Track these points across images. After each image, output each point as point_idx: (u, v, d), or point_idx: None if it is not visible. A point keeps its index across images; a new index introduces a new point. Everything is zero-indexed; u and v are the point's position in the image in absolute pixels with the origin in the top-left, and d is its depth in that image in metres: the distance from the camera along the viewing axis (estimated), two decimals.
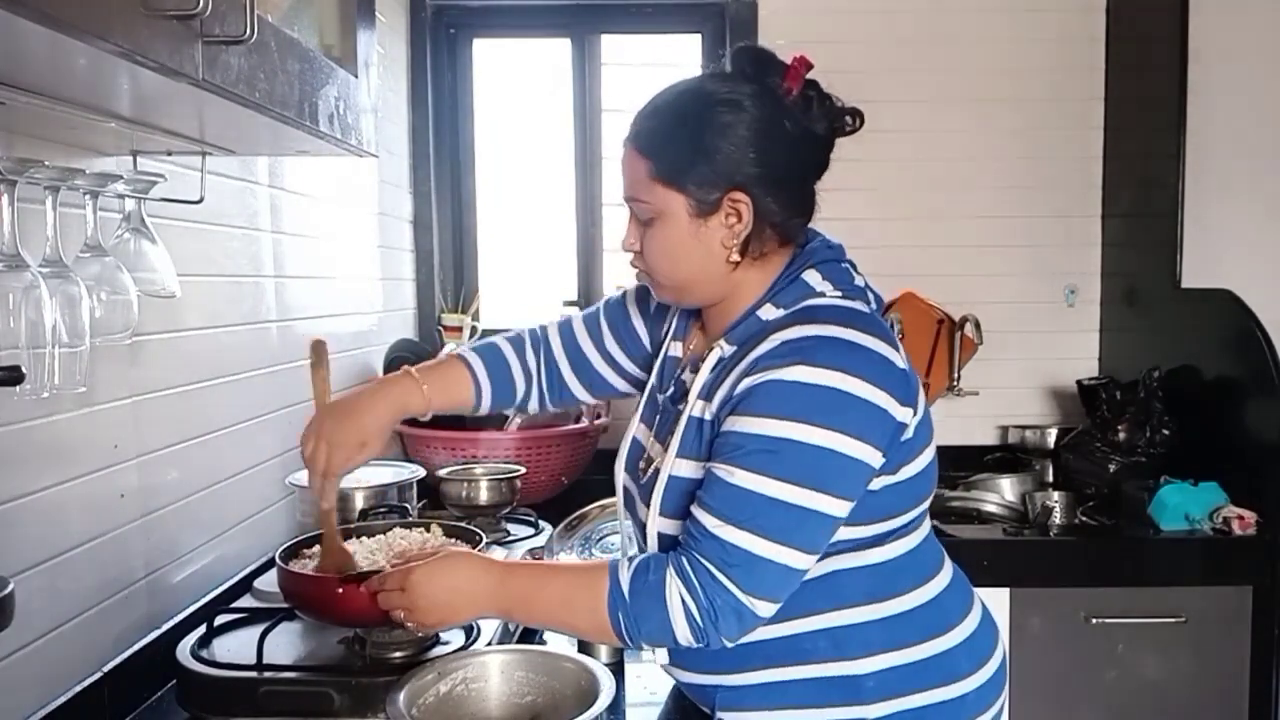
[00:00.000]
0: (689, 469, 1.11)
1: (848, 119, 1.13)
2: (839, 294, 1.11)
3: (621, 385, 1.38)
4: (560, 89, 2.87)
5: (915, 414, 1.08)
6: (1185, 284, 2.39)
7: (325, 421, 1.23)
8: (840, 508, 1.03)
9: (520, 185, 2.94)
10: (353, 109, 1.29)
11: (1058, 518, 2.39)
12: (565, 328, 1.39)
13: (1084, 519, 2.34)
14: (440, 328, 2.77)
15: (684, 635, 1.03)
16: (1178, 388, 2.36)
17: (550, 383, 1.38)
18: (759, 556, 1.01)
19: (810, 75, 1.11)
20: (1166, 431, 2.34)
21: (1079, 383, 2.57)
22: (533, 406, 1.40)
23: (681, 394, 1.17)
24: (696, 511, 1.05)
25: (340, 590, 1.18)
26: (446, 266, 2.86)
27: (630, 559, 1.08)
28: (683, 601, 1.02)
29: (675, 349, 1.26)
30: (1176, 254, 2.38)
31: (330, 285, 2.05)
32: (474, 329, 2.80)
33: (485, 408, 1.37)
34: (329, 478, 1.21)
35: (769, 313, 1.11)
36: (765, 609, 1.03)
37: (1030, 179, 2.74)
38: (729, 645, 1.05)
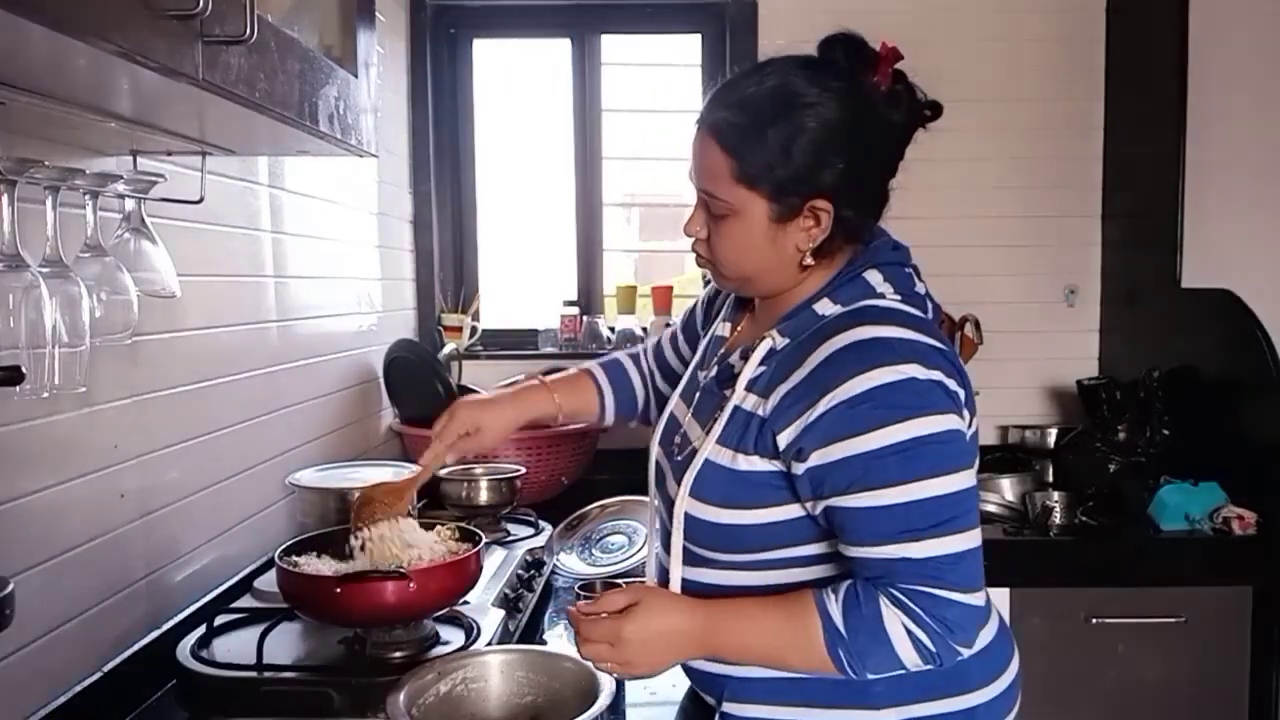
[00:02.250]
0: (726, 457, 1.10)
1: (927, 112, 1.13)
2: (898, 298, 1.10)
3: None
4: (560, 89, 2.87)
5: (969, 424, 1.08)
6: (1185, 284, 2.39)
7: (460, 404, 1.37)
8: (974, 477, 1.04)
9: (520, 185, 2.94)
10: (353, 109, 1.29)
11: (1058, 518, 2.38)
12: (656, 344, 1.47)
13: (1084, 519, 2.33)
14: (440, 328, 2.77)
15: (913, 661, 1.02)
16: (1178, 388, 2.36)
17: (655, 391, 1.45)
18: (956, 553, 1.00)
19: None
20: (1166, 431, 2.34)
21: (1079, 383, 2.57)
22: (653, 414, 1.45)
23: (728, 378, 1.16)
24: (867, 550, 1.02)
25: (339, 590, 1.18)
26: (446, 266, 2.86)
27: (833, 590, 1.04)
28: (908, 631, 1.00)
29: (723, 329, 1.26)
30: (1176, 254, 2.38)
31: (330, 285, 2.05)
32: (474, 329, 2.80)
33: (610, 418, 1.47)
34: (438, 440, 1.34)
35: (825, 307, 1.10)
36: (982, 597, 1.03)
37: (1030, 179, 2.74)
38: (966, 654, 1.04)
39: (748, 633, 1.07)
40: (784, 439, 1.05)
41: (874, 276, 1.11)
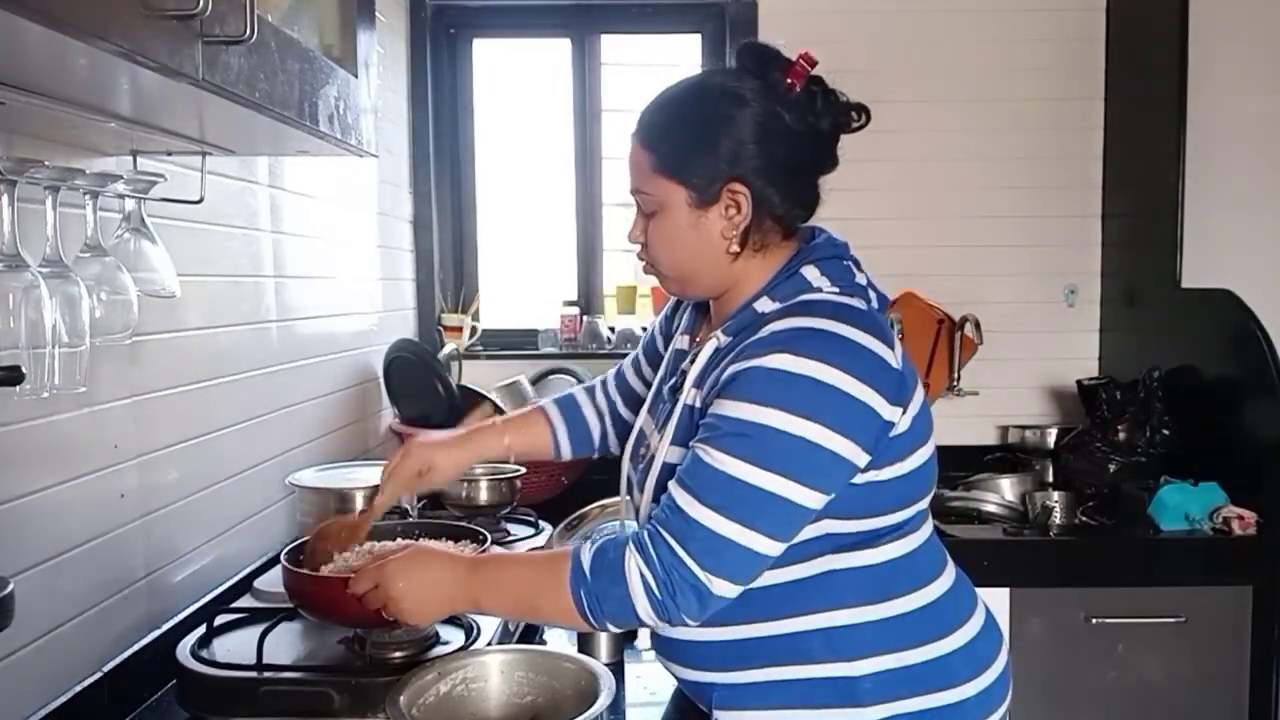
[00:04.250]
0: (679, 456, 1.11)
1: (853, 115, 1.13)
2: (836, 290, 1.11)
3: None
4: (560, 89, 2.87)
5: (905, 413, 1.07)
6: (1185, 284, 2.39)
7: (414, 444, 1.37)
8: (811, 498, 1.02)
9: (520, 185, 2.94)
10: (353, 109, 1.29)
11: (1058, 518, 2.39)
12: (617, 371, 1.48)
13: (1084, 519, 2.33)
14: (440, 328, 2.77)
15: (645, 611, 1.03)
16: (1178, 388, 2.36)
17: (614, 420, 1.45)
18: (721, 535, 1.01)
19: (815, 73, 1.12)
20: (1166, 431, 2.34)
21: (1079, 383, 2.57)
22: (613, 446, 1.46)
23: (680, 384, 1.18)
24: (671, 486, 1.06)
25: (349, 590, 1.18)
26: (446, 266, 2.86)
27: (592, 541, 1.08)
28: (641, 575, 1.02)
29: (682, 342, 1.28)
30: (1176, 254, 2.38)
31: (330, 285, 2.05)
32: (474, 329, 2.80)
33: (565, 454, 1.47)
34: (391, 478, 1.34)
35: (765, 305, 1.12)
36: (724, 588, 1.02)
37: (1030, 179, 2.74)
38: (691, 624, 1.05)
39: (505, 577, 1.12)
40: None
41: (810, 272, 1.13)
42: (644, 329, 2.79)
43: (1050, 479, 2.60)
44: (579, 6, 2.80)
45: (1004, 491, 2.54)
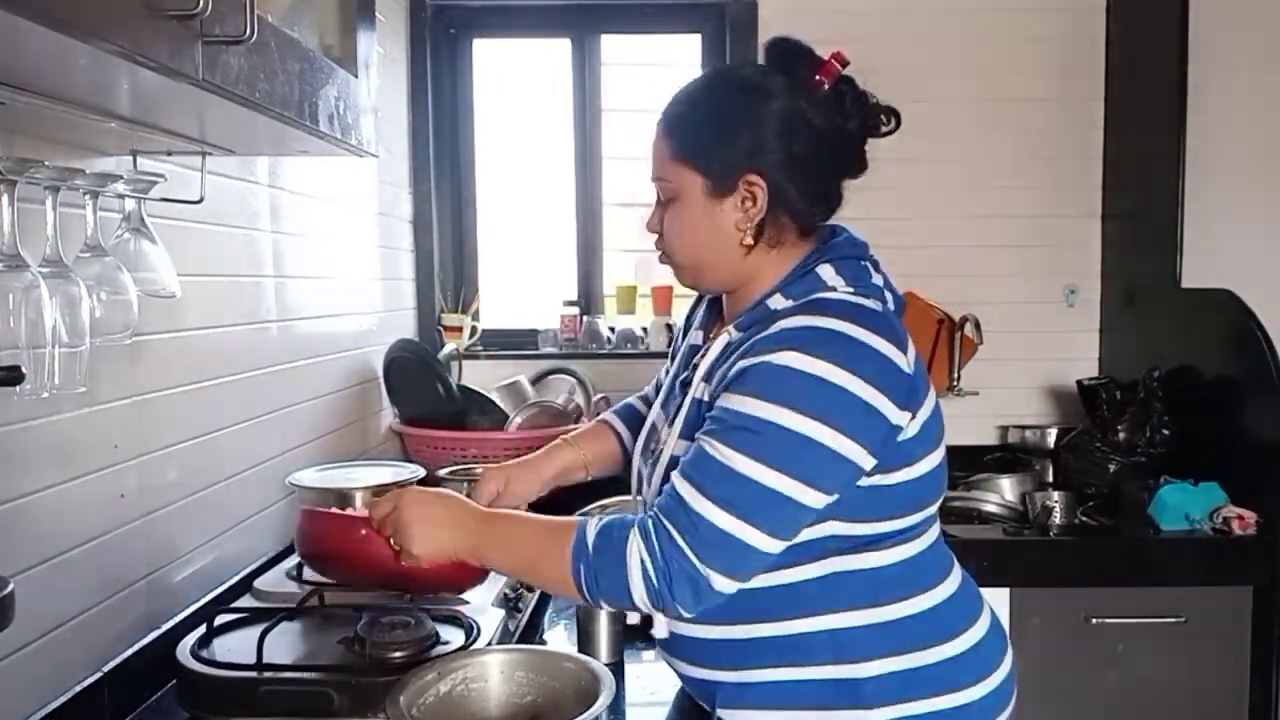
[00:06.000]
0: (686, 449, 1.11)
1: (882, 118, 1.13)
2: (850, 290, 1.10)
3: None
4: (560, 89, 2.87)
5: (914, 418, 1.07)
6: (1185, 284, 2.39)
7: (488, 469, 1.43)
8: (812, 497, 1.02)
9: (520, 185, 2.94)
10: (353, 109, 1.29)
11: (1058, 518, 2.39)
12: (657, 380, 1.47)
13: (1084, 519, 2.34)
14: (440, 328, 2.77)
15: (640, 596, 1.03)
16: (1178, 388, 2.36)
17: None
18: (721, 529, 1.01)
19: (846, 73, 1.12)
20: (1166, 431, 2.34)
21: (1079, 383, 2.57)
22: None
23: (691, 378, 1.18)
24: (674, 477, 1.06)
25: (364, 532, 1.17)
26: (446, 266, 2.86)
27: (600, 517, 1.08)
28: (641, 562, 1.02)
29: (696, 338, 1.28)
30: (1176, 254, 2.38)
31: (330, 285, 2.05)
32: (474, 329, 2.80)
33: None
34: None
35: (778, 303, 1.11)
36: (722, 583, 1.02)
37: (1030, 179, 2.74)
38: (684, 615, 1.05)
39: (512, 535, 1.13)
40: None
41: (826, 271, 1.12)
42: (644, 329, 2.80)
43: (1050, 479, 2.60)
44: (579, 6, 2.80)
45: (1004, 491, 2.54)
